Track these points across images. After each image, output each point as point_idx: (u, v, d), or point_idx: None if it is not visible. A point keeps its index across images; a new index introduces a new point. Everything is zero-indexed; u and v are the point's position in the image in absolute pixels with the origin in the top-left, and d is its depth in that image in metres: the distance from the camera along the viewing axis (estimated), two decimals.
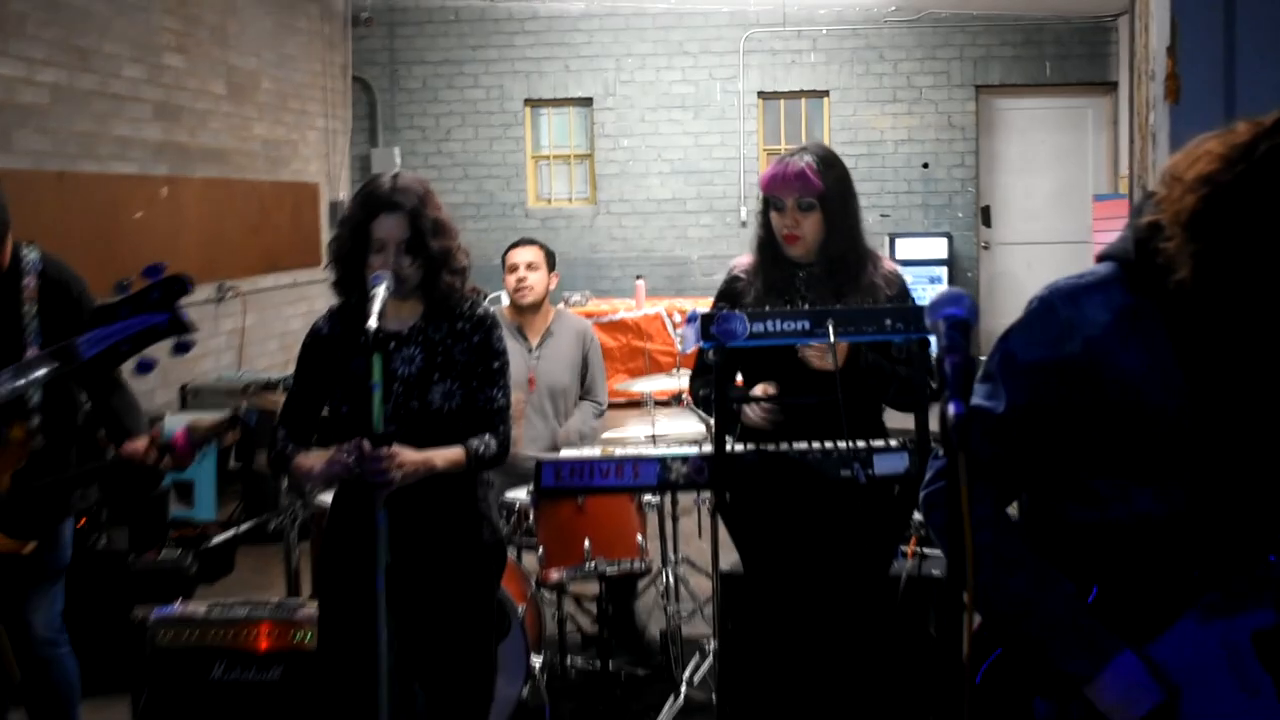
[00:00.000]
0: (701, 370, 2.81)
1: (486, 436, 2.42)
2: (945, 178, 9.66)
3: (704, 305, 2.70)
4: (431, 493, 2.38)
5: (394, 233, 2.33)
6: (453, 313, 2.44)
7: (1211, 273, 1.36)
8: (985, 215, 9.69)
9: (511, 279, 4.03)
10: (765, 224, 2.69)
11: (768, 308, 2.44)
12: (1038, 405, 1.48)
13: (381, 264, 2.32)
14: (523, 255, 4.05)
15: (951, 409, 1.19)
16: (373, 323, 2.19)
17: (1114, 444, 1.46)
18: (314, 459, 2.37)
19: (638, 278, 8.65)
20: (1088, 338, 1.46)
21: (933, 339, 1.35)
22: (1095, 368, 1.45)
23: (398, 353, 2.40)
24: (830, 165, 2.62)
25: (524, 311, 4.04)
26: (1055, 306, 1.48)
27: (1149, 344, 1.44)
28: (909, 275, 2.73)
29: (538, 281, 4.03)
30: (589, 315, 8.27)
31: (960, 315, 1.30)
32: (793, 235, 2.62)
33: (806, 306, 2.47)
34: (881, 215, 9.46)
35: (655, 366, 7.13)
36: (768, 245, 2.69)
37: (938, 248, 9.39)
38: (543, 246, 4.10)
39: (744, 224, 9.69)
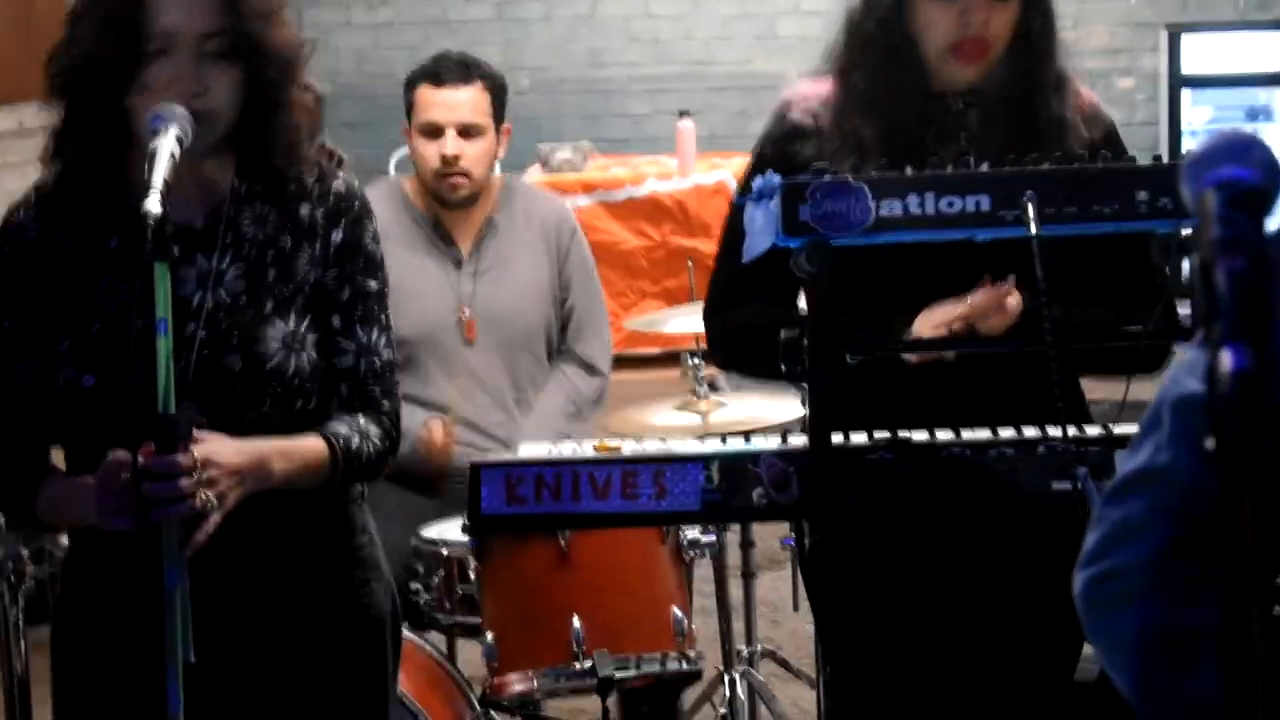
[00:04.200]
0: (740, 283, 2.83)
1: (362, 420, 2.48)
2: None
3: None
4: (265, 525, 2.43)
5: (193, 20, 2.36)
6: (287, 189, 2.50)
7: None
8: None
9: (430, 150, 4.09)
10: (894, 12, 2.75)
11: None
12: None
13: (171, 83, 2.33)
14: (451, 106, 4.07)
15: (1228, 359, 1.18)
16: (154, 203, 2.19)
17: None
18: (78, 488, 2.38)
19: (681, 115, 8.66)
20: None
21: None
22: None
23: (185, 265, 2.44)
24: None
25: (449, 201, 4.15)
26: None
27: None
28: (1207, 109, 2.76)
29: (478, 161, 4.09)
30: (587, 188, 8.30)
31: (1245, 178, 1.27)
32: (978, 42, 2.71)
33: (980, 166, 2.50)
34: None
35: None
36: (894, 56, 2.76)
37: (1261, 51, 9.29)
38: (487, 79, 4.15)
39: None
